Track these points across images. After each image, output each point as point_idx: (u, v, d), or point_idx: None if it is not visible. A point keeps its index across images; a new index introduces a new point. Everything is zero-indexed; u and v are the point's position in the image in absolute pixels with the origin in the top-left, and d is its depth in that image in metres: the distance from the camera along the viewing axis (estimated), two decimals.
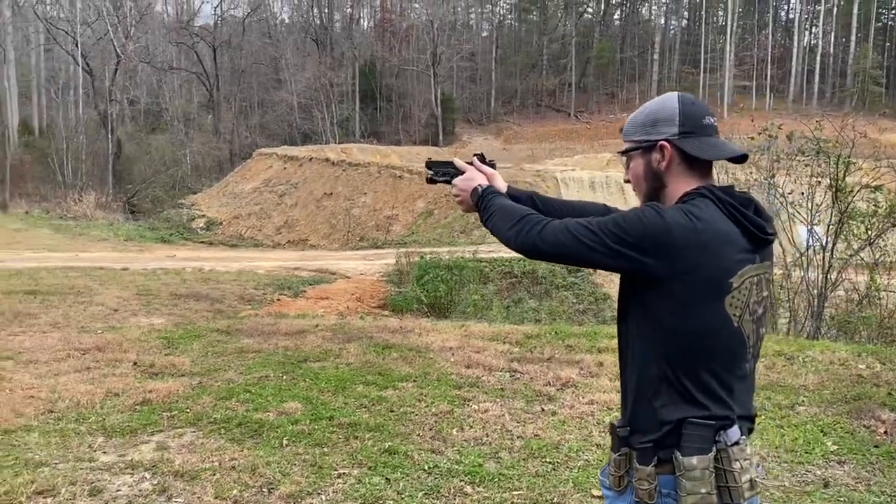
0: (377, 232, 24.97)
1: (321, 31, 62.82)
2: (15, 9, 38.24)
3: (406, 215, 25.81)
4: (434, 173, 2.13)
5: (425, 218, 25.22)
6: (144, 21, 43.70)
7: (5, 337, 7.19)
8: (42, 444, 4.34)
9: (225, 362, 6.29)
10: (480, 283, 14.58)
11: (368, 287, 13.40)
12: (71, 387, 5.41)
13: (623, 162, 1.82)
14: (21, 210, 25.86)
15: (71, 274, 11.91)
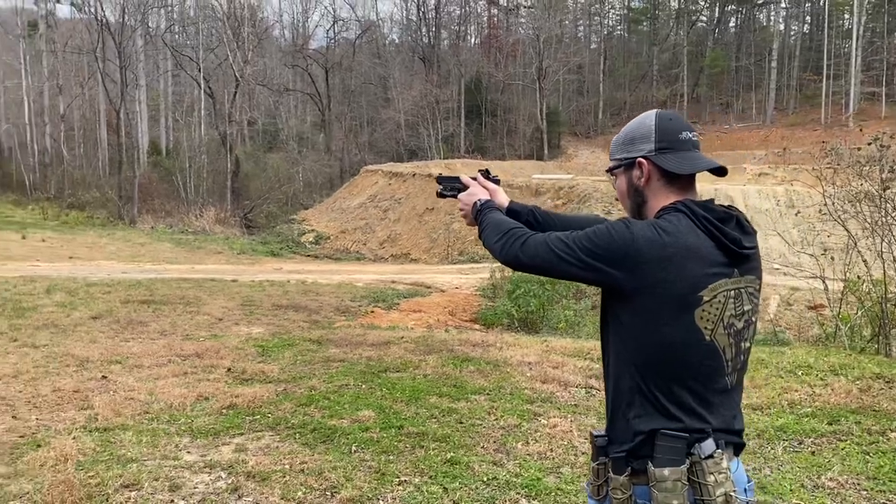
0: (476, 246, 25.15)
1: (428, 49, 64.09)
2: (147, 38, 41.14)
3: None
4: (443, 188, 2.21)
5: None
6: (262, 46, 46.06)
7: (118, 343, 7.78)
8: (134, 441, 4.69)
9: (310, 370, 6.57)
10: (575, 298, 14.42)
11: (461, 301, 13.54)
12: (167, 390, 5.81)
13: (610, 180, 1.86)
14: (147, 225, 27.77)
15: (184, 285, 12.69)
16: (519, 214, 2.07)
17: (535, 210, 2.09)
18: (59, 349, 7.24)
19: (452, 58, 61.51)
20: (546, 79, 56.15)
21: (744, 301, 1.68)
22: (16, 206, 31.72)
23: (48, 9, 41.90)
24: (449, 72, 59.53)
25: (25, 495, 3.84)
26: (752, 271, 1.71)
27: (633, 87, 66.30)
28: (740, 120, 57.16)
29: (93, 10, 34.06)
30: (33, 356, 6.92)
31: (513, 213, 2.08)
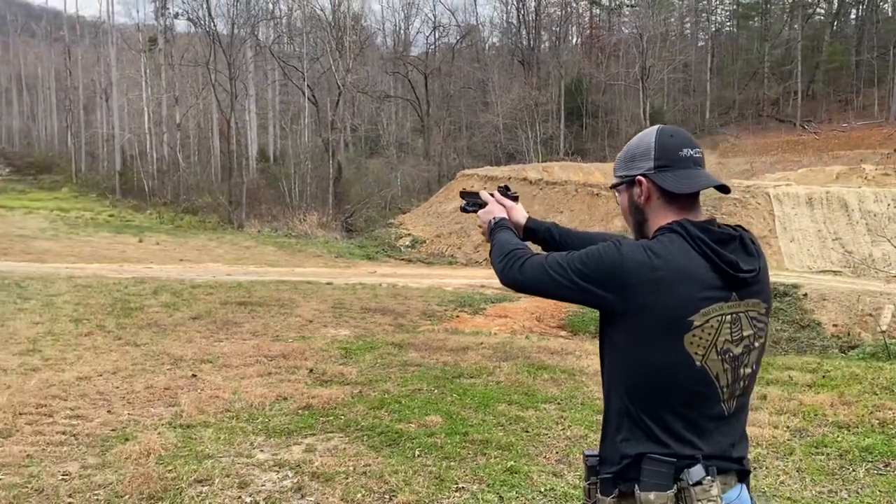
0: None
1: (528, 52, 63.83)
2: (256, 49, 42.98)
3: None
4: (466, 204, 2.23)
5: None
6: (364, 54, 47.24)
7: (212, 342, 8.20)
8: (213, 438, 4.95)
9: (387, 374, 6.71)
10: None
11: (550, 306, 13.41)
12: (250, 389, 6.08)
13: (615, 197, 1.83)
14: (254, 229, 29.02)
15: (281, 287, 13.19)
16: (536, 232, 2.07)
17: (552, 228, 2.08)
18: (157, 348, 7.70)
19: (552, 59, 61.01)
20: (650, 78, 54.78)
21: (743, 326, 1.63)
22: (135, 210, 33.87)
23: (167, 24, 44.52)
24: (549, 74, 59.08)
25: (109, 486, 4.12)
26: (755, 295, 1.65)
27: (742, 85, 63.66)
28: (860, 117, 53.80)
29: (206, 24, 35.94)
30: (133, 354, 7.40)
31: (530, 231, 2.08)
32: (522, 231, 2.08)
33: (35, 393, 5.81)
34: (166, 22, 44.06)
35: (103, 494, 4.01)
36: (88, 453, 4.64)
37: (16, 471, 4.29)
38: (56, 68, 55.52)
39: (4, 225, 25.59)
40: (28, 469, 4.32)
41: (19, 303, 10.15)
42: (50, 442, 4.80)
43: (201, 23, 37.33)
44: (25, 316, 9.20)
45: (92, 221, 29.47)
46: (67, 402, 5.65)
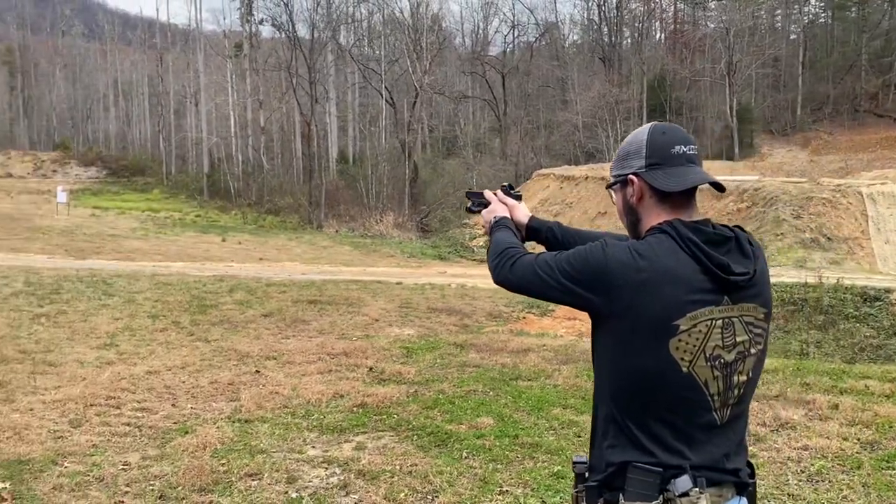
0: None
1: (609, 48, 62.78)
2: (338, 53, 43.88)
3: None
4: (472, 203, 2.20)
5: None
6: (442, 55, 47.52)
7: (278, 339, 8.40)
8: (268, 434, 5.06)
9: (444, 374, 6.71)
10: None
11: None
12: (309, 386, 6.19)
13: (611, 197, 1.77)
14: (332, 229, 29.63)
15: (352, 286, 13.40)
16: (539, 232, 2.03)
17: (554, 227, 2.03)
18: (226, 344, 7.94)
19: (634, 56, 59.82)
20: (737, 74, 52.97)
21: (736, 331, 1.54)
22: (221, 211, 35.12)
23: (252, 30, 45.95)
24: (630, 70, 57.95)
25: (164, 476, 4.27)
26: (750, 299, 1.55)
27: (837, 78, 60.70)
28: None
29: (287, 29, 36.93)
30: (202, 350, 7.65)
31: (532, 231, 2.04)
32: (525, 230, 2.04)
33: (106, 385, 6.09)
34: (251, 28, 45.50)
35: (158, 485, 4.16)
36: (149, 445, 4.83)
37: (80, 459, 4.50)
38: (149, 75, 58.24)
39: (99, 225, 26.99)
40: (92, 458, 4.53)
41: (104, 299, 10.67)
42: (115, 433, 5.01)
43: (284, 28, 38.41)
44: (107, 312, 9.66)
45: (180, 222, 30.73)
46: (135, 395, 5.90)
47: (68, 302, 10.26)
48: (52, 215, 28.96)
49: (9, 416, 5.25)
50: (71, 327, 8.59)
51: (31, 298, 10.43)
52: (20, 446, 4.66)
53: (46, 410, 5.42)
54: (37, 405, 5.53)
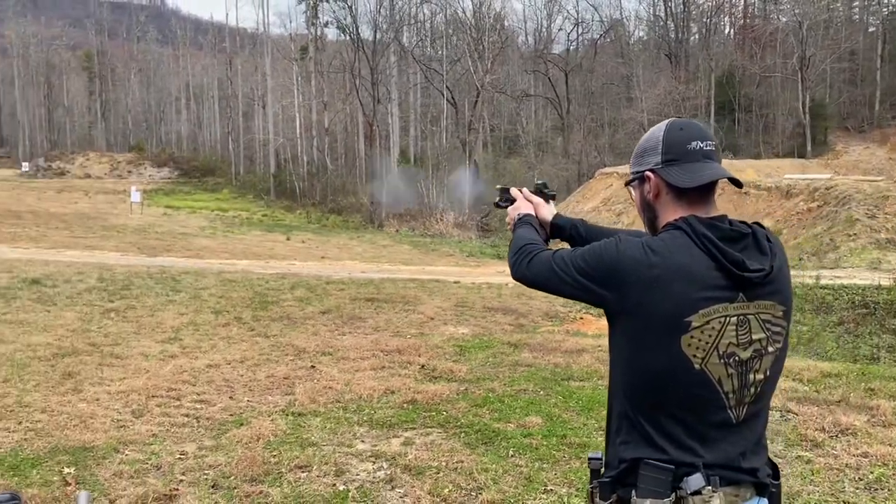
0: None
1: (675, 45, 61.51)
2: (401, 53, 44.29)
3: None
4: (500, 199, 2.22)
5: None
6: (504, 54, 47.44)
7: (335, 336, 8.54)
8: (320, 427, 5.17)
9: (495, 373, 6.71)
10: (816, 312, 13.05)
11: None
12: (361, 382, 6.29)
13: (630, 194, 1.76)
14: (393, 229, 29.94)
15: (409, 285, 13.52)
16: (563, 229, 2.04)
17: (578, 224, 2.04)
18: (284, 339, 8.13)
19: (702, 52, 58.46)
20: (810, 69, 51.14)
21: (752, 329, 1.52)
22: (287, 210, 35.92)
23: (317, 33, 46.81)
24: (697, 67, 56.68)
25: (218, 466, 4.41)
26: (767, 296, 1.53)
27: None
28: None
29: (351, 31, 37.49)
30: (261, 345, 7.85)
31: (557, 228, 2.05)
32: (549, 228, 2.05)
33: (168, 378, 6.32)
34: (316, 31, 46.36)
35: (211, 474, 4.30)
36: (206, 435, 4.99)
37: (140, 448, 4.69)
38: (219, 78, 59.99)
39: (170, 224, 27.95)
40: (151, 447, 4.71)
41: (171, 295, 11.05)
42: (174, 423, 5.20)
43: (348, 30, 39.01)
44: (174, 307, 10.01)
45: (247, 221, 31.55)
46: (195, 388, 6.10)
47: (137, 297, 10.67)
48: (126, 214, 30.13)
49: (76, 405, 5.51)
50: (138, 322, 8.93)
51: (102, 294, 10.89)
52: (85, 434, 4.88)
53: (111, 401, 5.66)
54: (102, 395, 5.78)
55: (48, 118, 73.05)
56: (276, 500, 3.97)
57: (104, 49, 73.10)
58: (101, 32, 74.30)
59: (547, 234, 2.04)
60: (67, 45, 77.45)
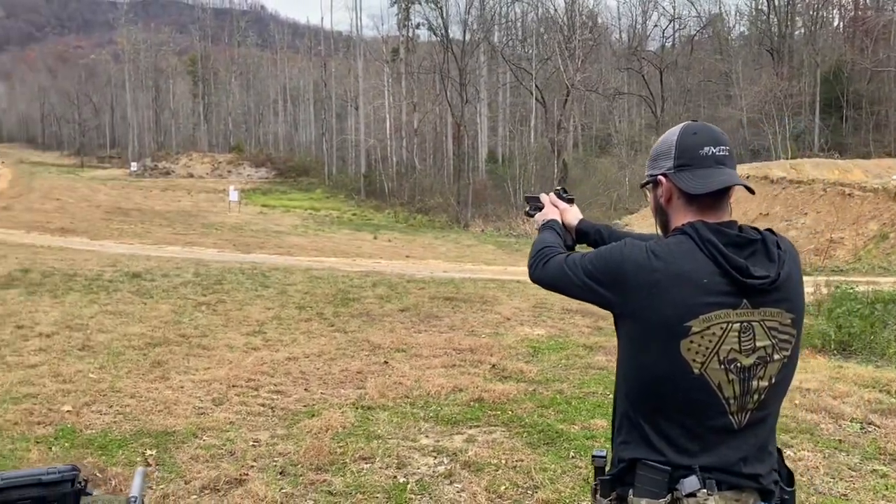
0: (815, 257, 22.60)
1: (778, 39, 58.97)
2: (490, 53, 44.39)
3: (853, 239, 22.86)
4: (529, 207, 2.26)
5: (878, 243, 22.02)
6: (596, 52, 46.80)
7: (410, 333, 8.70)
8: (386, 421, 5.31)
9: (566, 375, 6.69)
10: None
11: None
12: (431, 379, 6.40)
13: (646, 196, 1.78)
14: (478, 229, 30.08)
15: (489, 285, 13.58)
16: (587, 234, 2.08)
17: (602, 229, 2.08)
18: (361, 335, 8.35)
19: (807, 47, 55.82)
20: None
21: (755, 336, 1.51)
22: (375, 210, 36.67)
23: (409, 35, 47.50)
24: (801, 62, 54.18)
25: (287, 454, 4.61)
26: (774, 303, 1.52)
27: None
28: None
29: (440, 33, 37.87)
30: (339, 340, 8.10)
31: (581, 233, 2.09)
32: (574, 233, 2.08)
33: (249, 369, 6.62)
34: (408, 32, 47.07)
35: (280, 462, 4.50)
36: (279, 425, 5.22)
37: (217, 435, 4.95)
38: (314, 80, 61.78)
39: (265, 222, 29.04)
40: (227, 434, 4.97)
41: (259, 290, 11.52)
42: (250, 412, 5.46)
43: (439, 31, 39.42)
44: (261, 302, 10.44)
45: (337, 220, 32.41)
46: (273, 379, 6.37)
47: (228, 292, 11.18)
48: (224, 212, 31.51)
49: (162, 392, 5.86)
50: (227, 315, 9.37)
51: (196, 288, 11.46)
52: (168, 419, 5.20)
53: (194, 389, 5.99)
54: (187, 383, 6.12)
55: (156, 120, 77.25)
56: (338, 488, 4.12)
57: (207, 53, 76.64)
58: (204, 37, 77.94)
59: (573, 239, 2.08)
60: (174, 49, 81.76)
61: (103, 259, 14.84)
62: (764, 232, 1.58)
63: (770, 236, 1.57)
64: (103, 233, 22.25)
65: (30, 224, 23.26)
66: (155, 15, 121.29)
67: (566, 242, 2.08)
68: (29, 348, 7.14)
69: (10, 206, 30.30)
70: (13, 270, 12.27)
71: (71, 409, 5.30)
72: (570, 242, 2.10)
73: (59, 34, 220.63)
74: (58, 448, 4.55)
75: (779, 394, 1.58)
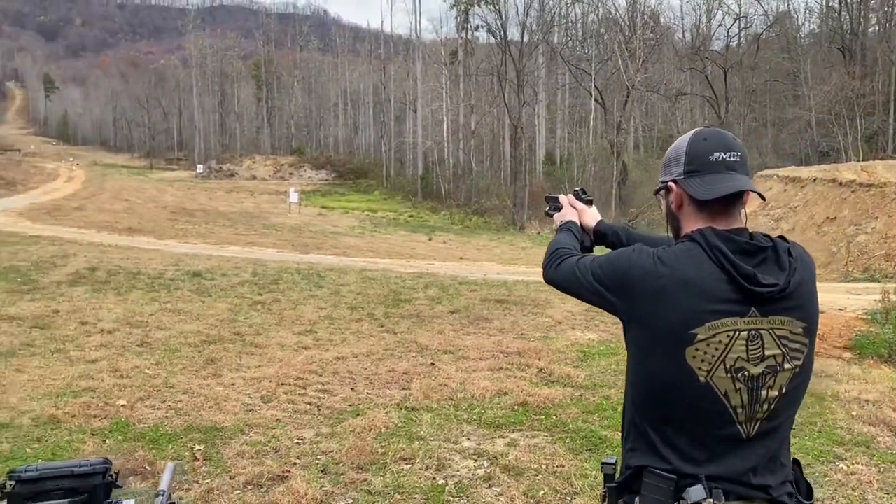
0: (886, 262, 21.71)
1: (850, 37, 56.87)
2: (549, 54, 44.12)
3: None
4: (549, 207, 2.24)
5: None
6: (659, 51, 46.02)
7: (459, 335, 8.71)
8: (429, 423, 5.33)
9: (614, 380, 6.59)
10: None
11: (840, 325, 11.95)
12: (476, 382, 6.40)
13: (659, 204, 1.75)
14: (534, 231, 29.90)
15: (542, 288, 13.46)
16: (605, 236, 2.06)
17: (620, 231, 2.05)
18: (410, 336, 8.40)
19: (880, 44, 53.67)
20: None
21: (765, 344, 1.48)
22: (432, 212, 36.86)
23: (467, 37, 47.59)
24: (875, 60, 52.14)
25: (330, 453, 4.68)
26: (784, 312, 1.49)
27: None
28: None
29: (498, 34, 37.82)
30: (388, 341, 8.17)
31: (599, 235, 2.07)
32: (593, 234, 2.06)
33: (298, 367, 6.74)
34: (467, 35, 47.17)
35: (323, 460, 4.57)
36: (324, 423, 5.30)
37: (263, 431, 5.06)
38: (374, 84, 62.51)
39: (323, 223, 29.50)
40: (273, 431, 5.07)
41: (313, 290, 11.71)
42: (297, 410, 5.56)
43: (498, 33, 39.38)
44: (314, 302, 10.61)
45: (394, 221, 32.69)
46: (321, 378, 6.47)
47: (283, 292, 11.40)
48: (285, 214, 32.14)
49: (214, 388, 6.02)
50: (280, 314, 9.56)
51: (254, 287, 11.73)
52: (217, 415, 5.33)
53: (245, 386, 6.14)
54: (238, 381, 6.27)
55: (221, 123, 79.43)
56: (377, 488, 4.16)
57: (271, 58, 78.43)
58: (268, 42, 79.80)
59: (592, 241, 2.07)
60: (239, 54, 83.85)
61: (167, 258, 15.31)
62: (776, 239, 1.55)
63: (781, 243, 1.54)
64: (168, 233, 22.96)
65: (100, 224, 24.18)
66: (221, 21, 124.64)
67: (584, 244, 2.07)
68: (91, 344, 7.42)
69: (83, 206, 31.55)
70: (81, 269, 12.78)
71: (125, 403, 5.49)
72: (589, 244, 2.09)
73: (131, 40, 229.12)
74: (111, 441, 4.72)
75: (791, 404, 1.54)
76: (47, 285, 10.98)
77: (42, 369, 6.35)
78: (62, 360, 6.74)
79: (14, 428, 4.88)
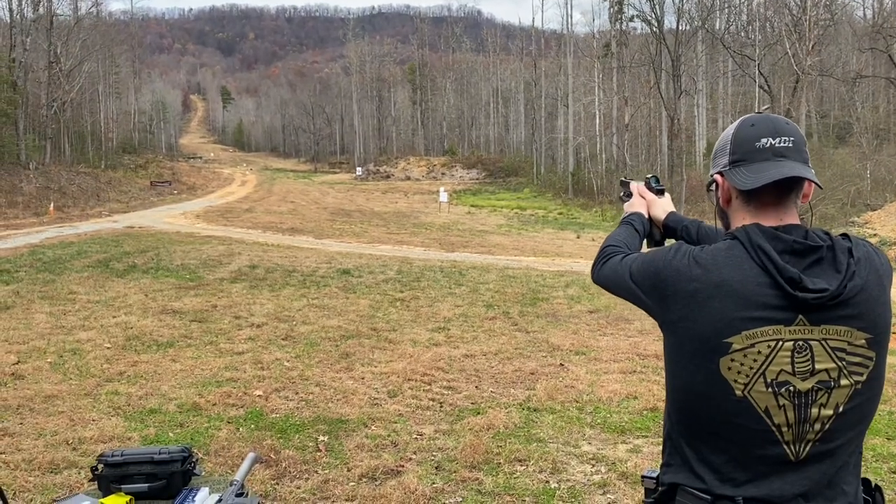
0: None
1: None
2: (709, 41, 41.97)
3: None
4: (623, 193, 2.10)
5: None
6: (834, 31, 42.46)
7: (594, 336, 8.47)
8: (550, 424, 5.22)
9: None
10: None
11: None
12: (604, 385, 6.19)
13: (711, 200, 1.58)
14: None
15: None
16: (674, 230, 1.89)
17: (689, 225, 1.86)
18: (542, 336, 8.28)
19: None
20: None
21: (815, 357, 1.29)
22: (582, 208, 36.21)
23: (621, 28, 46.26)
24: None
25: (446, 450, 4.70)
26: (840, 320, 1.29)
27: None
28: None
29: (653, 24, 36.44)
30: (519, 339, 8.09)
31: (668, 228, 1.90)
32: (662, 227, 1.90)
33: (426, 363, 6.83)
34: (621, 26, 45.85)
35: (438, 456, 4.60)
36: (444, 420, 5.34)
37: (385, 425, 5.17)
38: (525, 81, 62.37)
39: (471, 222, 29.83)
40: (394, 425, 5.18)
41: (453, 287, 11.86)
42: (420, 406, 5.64)
43: (651, 22, 37.97)
44: (451, 299, 10.73)
45: (542, 219, 32.44)
46: (447, 375, 6.52)
47: (423, 289, 11.63)
48: (435, 213, 32.84)
49: (344, 381, 6.24)
50: (417, 311, 9.75)
51: (396, 285, 12.06)
52: (344, 408, 5.52)
53: (373, 380, 6.31)
54: (367, 375, 6.46)
55: (378, 127, 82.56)
56: (488, 487, 4.13)
57: (425, 61, 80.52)
58: (422, 46, 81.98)
59: (661, 233, 1.91)
60: (395, 59, 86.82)
61: (321, 257, 16.11)
62: (835, 237, 1.33)
63: (841, 242, 1.33)
64: (327, 232, 24.15)
65: (266, 224, 25.89)
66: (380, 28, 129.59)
67: (654, 238, 1.92)
68: (240, 337, 7.94)
69: (252, 208, 33.94)
70: (243, 266, 13.73)
71: (261, 393, 5.81)
72: (658, 237, 1.94)
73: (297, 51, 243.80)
74: (244, 429, 5.01)
75: (851, 424, 1.32)
76: (211, 282, 11.89)
77: (194, 360, 6.86)
78: (213, 351, 7.26)
79: (161, 413, 5.31)
